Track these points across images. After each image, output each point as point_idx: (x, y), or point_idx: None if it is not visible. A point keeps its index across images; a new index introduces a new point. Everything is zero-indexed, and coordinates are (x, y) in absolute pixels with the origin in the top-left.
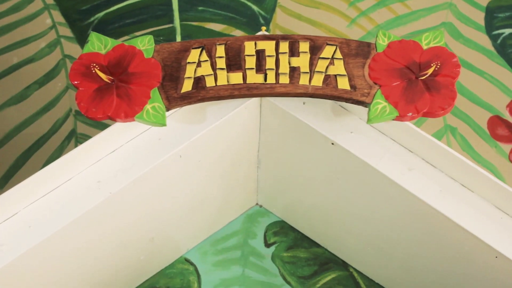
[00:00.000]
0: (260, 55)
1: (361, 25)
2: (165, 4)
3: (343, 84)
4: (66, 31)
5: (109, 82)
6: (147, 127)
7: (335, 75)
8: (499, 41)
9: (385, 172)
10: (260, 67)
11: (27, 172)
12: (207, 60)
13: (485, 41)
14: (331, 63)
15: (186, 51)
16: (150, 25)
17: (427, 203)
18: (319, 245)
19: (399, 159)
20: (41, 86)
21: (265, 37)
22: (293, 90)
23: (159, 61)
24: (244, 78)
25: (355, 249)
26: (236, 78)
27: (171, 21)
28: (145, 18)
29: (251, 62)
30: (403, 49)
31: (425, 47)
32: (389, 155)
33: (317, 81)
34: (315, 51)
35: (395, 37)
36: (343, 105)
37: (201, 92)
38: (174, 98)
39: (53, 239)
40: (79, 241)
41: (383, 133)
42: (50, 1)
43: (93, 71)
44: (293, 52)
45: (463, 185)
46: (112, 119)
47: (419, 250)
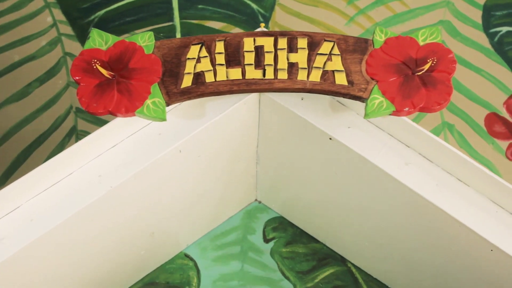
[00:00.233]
0: (259, 51)
1: (360, 23)
2: (165, 2)
3: (341, 79)
4: (66, 29)
5: (110, 77)
6: (147, 122)
7: (333, 71)
8: (496, 39)
9: (382, 166)
10: (258, 63)
11: (28, 168)
12: (206, 56)
13: (483, 39)
14: (329, 59)
15: (185, 47)
16: (150, 23)
17: (424, 197)
18: (317, 241)
19: (396, 153)
20: (42, 83)
21: (264, 34)
22: (291, 85)
23: (159, 57)
24: (243, 73)
25: (353, 244)
26: (235, 73)
27: (171, 19)
28: (145, 16)
29: (250, 58)
30: (400, 45)
31: (421, 43)
32: (386, 149)
33: (315, 76)
34: (313, 47)
35: (392, 33)
36: (341, 100)
37: (201, 87)
38: (174, 93)
39: (54, 232)
40: (80, 234)
41: (380, 128)
42: None
43: (94, 67)
44: (292, 48)
45: (459, 179)
46: (113, 114)
47: (416, 244)
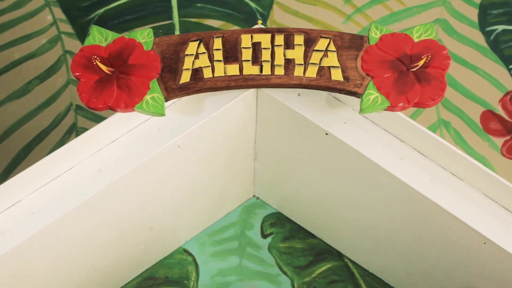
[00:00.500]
0: (256, 47)
1: (357, 21)
2: (164, 0)
3: (337, 75)
4: (66, 27)
5: (110, 73)
6: (146, 118)
7: (329, 67)
8: (492, 37)
9: (377, 161)
10: (256, 59)
11: (29, 165)
12: (204, 52)
13: (479, 38)
14: (325, 55)
15: (184, 44)
16: (149, 22)
17: (418, 191)
18: (314, 236)
19: (391, 148)
20: (42, 81)
21: (261, 30)
22: (288, 81)
23: (158, 53)
24: (240, 69)
25: (350, 239)
26: (232, 69)
27: (170, 17)
28: (145, 14)
29: (247, 54)
30: (395, 42)
31: (416, 40)
32: (381, 144)
33: (311, 72)
34: (309, 44)
35: (387, 30)
36: (337, 96)
37: (199, 83)
38: (172, 89)
39: (55, 225)
40: (80, 228)
41: (376, 124)
42: None
43: (94, 63)
44: (288, 44)
45: (453, 173)
46: (112, 110)
47: (410, 237)
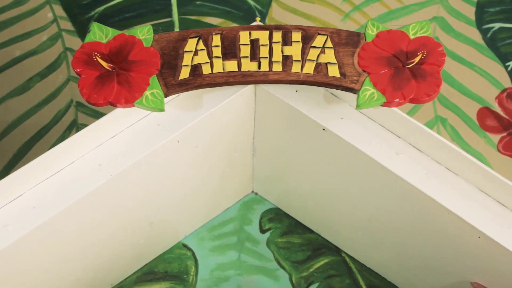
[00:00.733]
0: (254, 44)
1: (355, 19)
2: None
3: (334, 71)
4: (67, 25)
5: (110, 69)
6: (146, 113)
7: (326, 63)
8: (489, 35)
9: (374, 156)
10: (254, 56)
11: (30, 161)
12: (203, 49)
13: (476, 35)
14: (322, 51)
15: (183, 40)
16: (149, 19)
17: (414, 185)
18: (312, 231)
19: (387, 143)
20: (43, 78)
21: (259, 27)
22: (286, 77)
23: (158, 50)
24: (239, 66)
25: (347, 234)
26: (231, 66)
27: (170, 15)
28: (144, 12)
29: (245, 50)
30: (391, 38)
31: (412, 37)
32: (378, 140)
33: (309, 69)
34: (307, 41)
35: (384, 27)
36: (334, 92)
37: (198, 79)
38: (172, 84)
39: (56, 219)
40: (81, 222)
41: (372, 119)
42: None
43: (95, 59)
44: (286, 41)
45: (448, 168)
46: (113, 105)
47: (407, 232)
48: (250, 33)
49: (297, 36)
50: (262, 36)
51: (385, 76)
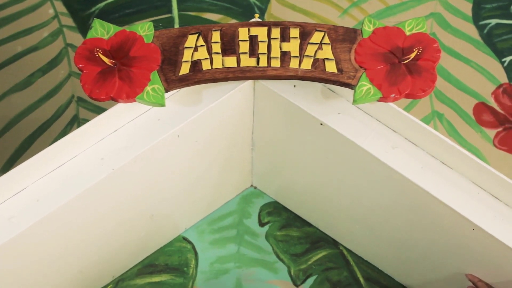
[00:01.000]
0: (253, 40)
1: (353, 15)
2: None
3: (331, 67)
4: (68, 21)
5: (112, 65)
6: (147, 108)
7: (323, 59)
8: (485, 31)
9: (370, 150)
10: (253, 52)
11: (32, 155)
12: (203, 45)
13: (472, 31)
14: (320, 48)
15: (183, 37)
16: (149, 15)
17: (409, 179)
18: (310, 225)
19: (384, 138)
20: (45, 73)
21: (258, 24)
22: (284, 73)
23: (159, 46)
24: (238, 61)
25: (345, 227)
26: (230, 61)
27: (170, 11)
28: (145, 8)
29: (244, 47)
30: (387, 35)
31: (408, 33)
32: (374, 134)
33: (306, 64)
34: (304, 37)
35: (380, 24)
36: (331, 88)
37: (198, 74)
38: (172, 80)
39: (59, 212)
40: (84, 214)
41: (369, 114)
42: None
43: (97, 55)
44: (284, 37)
45: (443, 162)
46: (114, 100)
47: (402, 224)
48: (249, 30)
49: (295, 32)
50: (260, 32)
51: (381, 71)
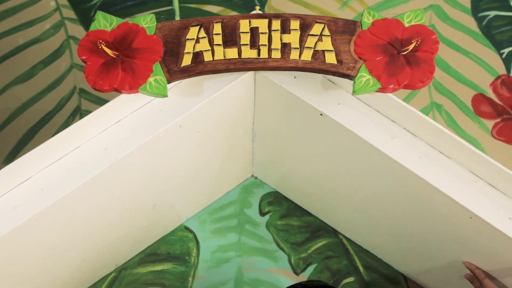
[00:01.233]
0: (254, 32)
1: (352, 7)
2: None
3: (331, 58)
4: (69, 13)
5: (115, 57)
6: (150, 99)
7: (323, 51)
8: (484, 23)
9: (370, 140)
10: (254, 43)
11: (34, 147)
12: (205, 36)
13: (471, 23)
14: (320, 39)
15: (185, 29)
16: (150, 7)
17: (408, 168)
18: (310, 214)
19: (383, 128)
20: (47, 65)
21: (259, 16)
22: (284, 64)
23: (161, 38)
24: (239, 53)
25: (344, 217)
26: (231, 53)
27: (170, 3)
28: (146, 0)
29: (245, 38)
30: (386, 26)
31: (406, 25)
32: (374, 124)
33: (307, 56)
34: (305, 29)
35: (379, 16)
36: (331, 79)
37: (200, 66)
38: (174, 71)
39: (64, 201)
40: (88, 203)
41: (368, 105)
42: None
43: (100, 47)
44: (285, 29)
45: (441, 152)
46: (117, 91)
47: (401, 213)
48: (249, 22)
49: (295, 24)
50: (261, 24)
51: (381, 63)
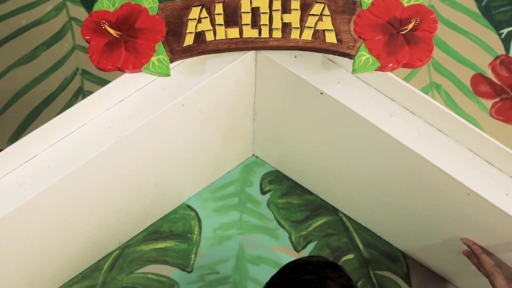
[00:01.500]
0: (255, 12)
1: None
2: None
3: (331, 38)
4: None
5: (118, 37)
6: (152, 78)
7: (323, 30)
8: (483, 3)
9: (369, 118)
10: (255, 23)
11: (37, 127)
12: (206, 16)
13: (470, 3)
14: (320, 19)
15: (187, 9)
16: None
17: (407, 146)
18: (311, 193)
19: (382, 106)
20: (49, 47)
21: None
22: (285, 43)
23: (163, 18)
24: (240, 33)
25: (344, 195)
26: (233, 33)
27: None
28: None
29: (247, 18)
30: (386, 6)
31: (406, 5)
32: (373, 103)
33: (307, 35)
34: (305, 8)
35: None
36: (331, 58)
37: (202, 45)
38: (177, 51)
39: (70, 178)
40: (92, 181)
41: (367, 83)
42: None
43: (103, 27)
44: (285, 9)
45: (439, 130)
46: (121, 71)
47: (400, 190)
48: (251, 2)
49: (296, 4)
50: (262, 4)
51: (380, 42)
